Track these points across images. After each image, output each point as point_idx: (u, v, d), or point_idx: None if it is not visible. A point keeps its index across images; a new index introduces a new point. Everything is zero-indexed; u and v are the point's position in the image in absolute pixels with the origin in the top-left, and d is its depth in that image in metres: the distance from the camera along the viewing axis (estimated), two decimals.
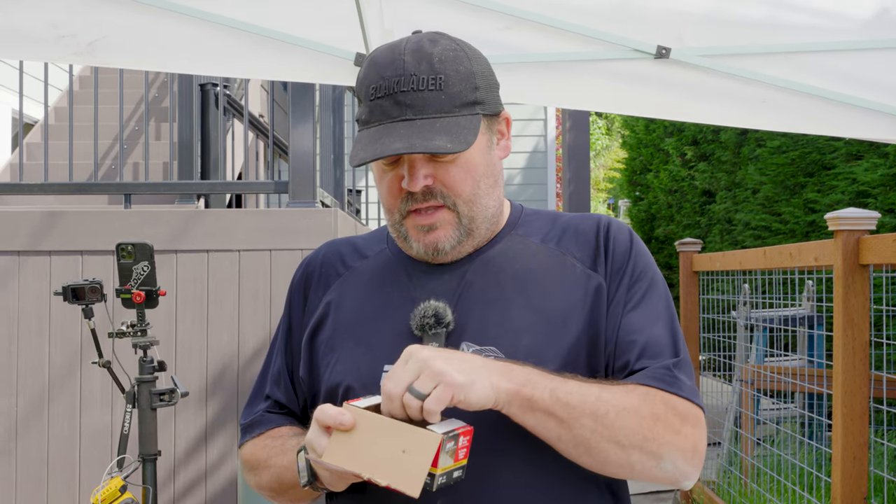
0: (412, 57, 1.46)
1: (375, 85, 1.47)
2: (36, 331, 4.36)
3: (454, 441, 1.27)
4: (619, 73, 2.91)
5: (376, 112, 1.47)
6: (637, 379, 1.42)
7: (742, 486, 4.92)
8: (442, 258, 1.53)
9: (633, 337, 1.46)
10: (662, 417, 1.38)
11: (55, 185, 4.80)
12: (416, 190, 1.47)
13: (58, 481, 4.33)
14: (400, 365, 1.30)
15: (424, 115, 1.44)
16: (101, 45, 2.89)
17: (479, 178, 1.51)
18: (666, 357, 1.45)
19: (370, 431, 1.28)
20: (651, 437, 1.37)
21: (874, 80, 2.81)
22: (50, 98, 5.77)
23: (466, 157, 1.49)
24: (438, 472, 1.25)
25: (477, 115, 1.48)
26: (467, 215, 1.50)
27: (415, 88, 1.44)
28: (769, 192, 8.15)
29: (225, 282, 4.37)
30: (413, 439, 1.26)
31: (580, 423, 1.34)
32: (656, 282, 1.54)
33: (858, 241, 3.27)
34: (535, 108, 10.22)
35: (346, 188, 6.35)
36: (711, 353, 5.53)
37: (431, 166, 1.47)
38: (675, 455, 1.38)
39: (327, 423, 1.31)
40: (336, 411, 1.30)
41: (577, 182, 8.91)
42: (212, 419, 4.35)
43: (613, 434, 1.35)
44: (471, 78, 1.48)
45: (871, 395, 3.31)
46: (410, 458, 1.25)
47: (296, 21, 2.90)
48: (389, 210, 1.54)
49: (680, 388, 1.42)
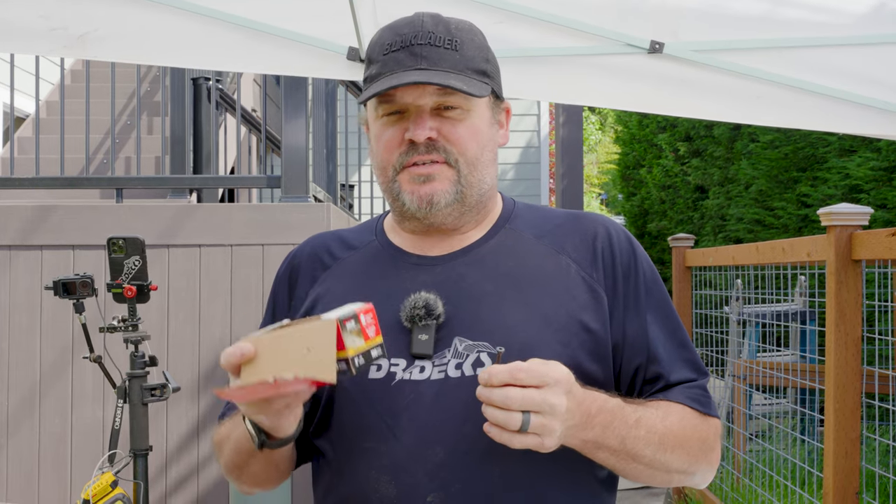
0: (430, 20, 1.48)
1: (391, 41, 1.48)
2: (27, 326, 4.34)
3: (354, 321, 1.27)
4: (613, 67, 2.90)
5: (390, 63, 1.47)
6: (680, 399, 1.49)
7: (734, 481, 4.93)
8: (433, 216, 1.50)
9: (658, 351, 1.51)
10: (704, 441, 1.48)
11: (46, 180, 4.78)
12: (420, 140, 1.45)
13: (49, 477, 4.32)
14: (536, 377, 1.27)
15: (439, 68, 1.45)
16: (92, 39, 2.87)
17: (482, 145, 1.51)
18: (694, 372, 1.53)
19: (272, 349, 1.28)
20: (694, 461, 1.47)
21: (869, 75, 2.81)
22: (41, 92, 5.74)
23: (474, 120, 1.49)
24: (351, 354, 1.26)
25: (487, 85, 1.50)
26: (466, 176, 1.49)
27: (432, 43, 1.46)
28: (762, 187, 8.16)
29: (217, 276, 4.35)
30: (312, 335, 1.26)
31: (639, 465, 1.41)
32: (663, 289, 1.57)
33: (851, 237, 3.27)
34: (528, 104, 10.20)
35: (338, 183, 6.33)
36: (704, 348, 5.53)
37: (438, 121, 1.47)
38: (705, 469, 1.50)
39: (234, 363, 1.28)
40: (234, 346, 1.28)
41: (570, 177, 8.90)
42: (203, 414, 4.34)
43: (665, 467, 1.44)
44: (484, 50, 1.52)
45: (863, 391, 3.31)
46: (316, 351, 1.25)
47: (289, 15, 2.89)
48: (384, 167, 1.52)
49: (711, 407, 1.51)
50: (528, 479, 1.41)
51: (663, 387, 1.51)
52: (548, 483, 1.43)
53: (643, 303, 1.52)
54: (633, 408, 1.40)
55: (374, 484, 1.42)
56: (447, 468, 1.39)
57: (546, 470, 1.41)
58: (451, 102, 1.47)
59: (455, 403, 1.38)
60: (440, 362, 1.43)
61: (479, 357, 1.42)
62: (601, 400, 1.36)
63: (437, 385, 1.42)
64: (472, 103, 1.49)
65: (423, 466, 1.40)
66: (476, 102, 1.50)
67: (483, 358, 1.42)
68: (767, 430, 5.50)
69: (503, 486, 1.40)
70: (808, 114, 2.89)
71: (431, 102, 1.46)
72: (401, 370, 1.44)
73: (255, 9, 2.88)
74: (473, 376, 1.39)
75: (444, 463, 1.39)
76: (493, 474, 1.40)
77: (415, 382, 1.42)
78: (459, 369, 1.42)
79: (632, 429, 1.38)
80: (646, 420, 1.40)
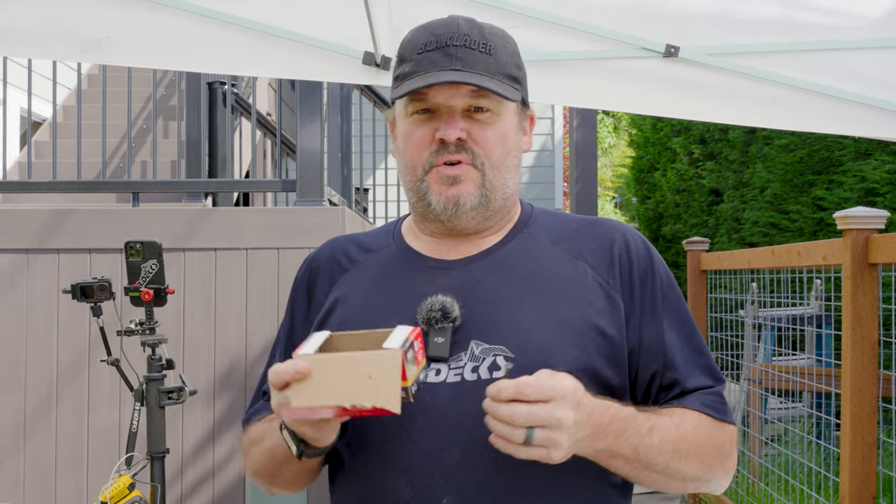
0: (465, 23, 1.50)
1: (426, 41, 1.49)
2: (44, 329, 4.37)
3: (411, 349, 1.27)
4: (628, 71, 2.90)
5: (424, 62, 1.48)
6: (695, 405, 1.49)
7: (750, 485, 4.91)
8: (458, 219, 1.51)
9: (675, 357, 1.52)
10: (719, 448, 1.49)
11: (63, 184, 4.81)
12: (451, 139, 1.47)
13: (66, 479, 4.34)
14: (542, 392, 1.27)
15: (473, 70, 1.46)
16: (109, 44, 2.89)
17: (508, 150, 1.53)
18: (711, 379, 1.53)
19: (328, 370, 1.25)
20: (709, 469, 1.47)
21: (884, 78, 2.80)
22: (58, 96, 5.78)
23: (503, 124, 1.51)
24: (409, 382, 1.26)
25: (518, 91, 1.52)
26: (490, 180, 1.51)
27: (467, 46, 1.47)
28: (777, 191, 8.13)
29: (233, 280, 4.37)
30: (375, 362, 1.24)
31: (652, 473, 1.42)
32: (679, 295, 1.57)
33: (867, 241, 3.26)
34: (542, 107, 10.20)
35: (353, 187, 6.35)
36: (719, 351, 5.52)
37: (468, 122, 1.49)
38: (720, 476, 1.51)
39: (284, 380, 1.26)
40: (288, 364, 1.26)
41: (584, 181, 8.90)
42: (219, 417, 4.36)
43: (680, 475, 1.44)
44: (515, 57, 1.54)
45: (879, 395, 3.30)
46: (379, 380, 1.24)
47: (304, 19, 2.90)
48: (413, 167, 1.52)
49: (727, 414, 1.51)
50: (543, 483, 1.41)
51: (679, 393, 1.51)
52: (563, 487, 1.43)
53: (660, 309, 1.52)
54: (646, 416, 1.41)
55: (390, 486, 1.42)
56: (463, 470, 1.40)
57: (561, 474, 1.41)
58: (482, 105, 1.48)
59: (471, 406, 1.38)
60: (456, 365, 1.43)
61: (496, 361, 1.42)
62: (613, 409, 1.37)
63: (453, 388, 1.42)
64: (502, 107, 1.51)
65: (440, 468, 1.40)
66: (505, 107, 1.51)
67: (499, 362, 1.42)
68: (783, 434, 5.48)
69: (518, 489, 1.40)
70: (823, 117, 2.88)
71: (463, 104, 1.48)
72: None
73: (270, 13, 2.89)
74: (489, 380, 1.40)
75: (460, 465, 1.40)
76: (508, 477, 1.40)
77: (431, 385, 1.42)
78: (476, 372, 1.42)
79: (645, 437, 1.38)
80: (659, 428, 1.40)
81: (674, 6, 2.82)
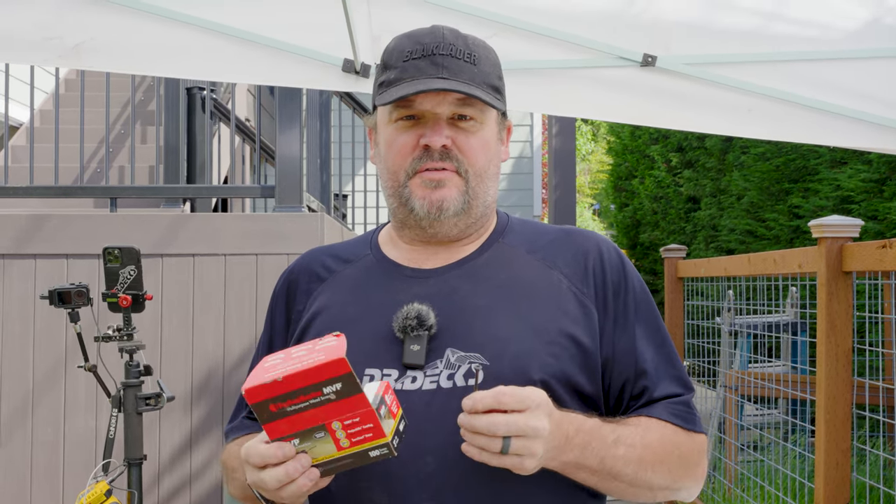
0: (450, 32, 1.52)
1: (411, 49, 1.50)
2: (20, 334, 4.34)
3: (382, 404, 1.27)
4: (606, 80, 2.92)
5: (410, 70, 1.49)
6: (662, 415, 1.50)
7: (726, 491, 4.94)
8: (440, 224, 1.53)
9: (646, 366, 1.53)
10: (686, 457, 1.50)
11: (40, 189, 4.78)
12: (436, 146, 1.49)
13: (42, 486, 4.31)
14: (519, 401, 1.28)
15: (459, 79, 1.48)
16: (87, 48, 2.88)
17: (490, 159, 1.55)
18: (680, 388, 1.54)
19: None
20: (677, 478, 1.49)
21: (860, 89, 2.83)
22: (35, 101, 5.75)
23: (485, 133, 1.53)
24: (389, 437, 1.26)
25: (500, 100, 1.55)
26: (473, 188, 1.53)
27: (452, 55, 1.49)
28: (754, 199, 8.19)
29: (211, 286, 4.36)
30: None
31: (620, 483, 1.43)
32: (652, 305, 1.59)
33: (842, 249, 3.29)
34: (521, 114, 10.22)
35: (332, 193, 6.34)
36: (696, 358, 5.55)
37: (453, 130, 1.50)
38: (690, 484, 1.52)
39: (259, 465, 1.28)
40: (265, 451, 1.26)
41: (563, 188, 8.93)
42: (197, 424, 4.34)
43: (647, 484, 1.45)
44: (497, 68, 1.56)
45: (853, 402, 3.32)
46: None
47: (284, 26, 2.90)
48: (395, 172, 1.53)
49: (695, 423, 1.52)
50: (519, 490, 1.42)
51: (647, 402, 1.52)
52: (539, 493, 1.44)
53: (632, 318, 1.54)
54: (611, 427, 1.42)
55: (366, 493, 1.43)
56: (439, 477, 1.40)
57: (537, 480, 1.41)
58: (466, 113, 1.50)
59: (446, 413, 1.39)
60: (432, 373, 1.44)
61: (471, 368, 1.43)
62: (578, 421, 1.38)
63: (429, 395, 1.43)
64: (485, 116, 1.53)
65: (415, 476, 1.41)
66: (488, 116, 1.54)
67: (475, 369, 1.43)
68: (759, 440, 5.52)
69: (494, 495, 1.41)
70: (799, 127, 2.91)
71: (448, 111, 1.50)
72: (392, 380, 1.45)
73: (250, 20, 2.89)
74: (465, 387, 1.41)
75: (436, 472, 1.40)
76: (484, 484, 1.40)
77: (406, 392, 1.43)
78: (451, 380, 1.43)
79: (610, 448, 1.40)
80: (624, 439, 1.42)
81: (652, 16, 2.84)
